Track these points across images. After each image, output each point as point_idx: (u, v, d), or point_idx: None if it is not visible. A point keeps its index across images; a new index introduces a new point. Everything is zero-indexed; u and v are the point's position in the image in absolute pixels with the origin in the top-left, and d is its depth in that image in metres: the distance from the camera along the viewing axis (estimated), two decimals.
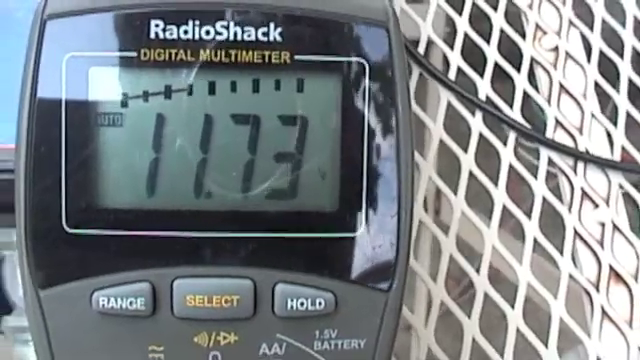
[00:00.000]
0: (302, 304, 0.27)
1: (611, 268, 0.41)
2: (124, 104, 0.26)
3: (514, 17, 0.48)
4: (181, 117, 0.26)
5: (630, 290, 0.40)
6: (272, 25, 0.26)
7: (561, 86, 0.45)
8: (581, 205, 0.42)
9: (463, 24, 0.46)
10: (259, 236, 0.27)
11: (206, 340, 0.27)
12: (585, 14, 0.48)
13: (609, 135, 0.44)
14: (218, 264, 0.26)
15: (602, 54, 0.47)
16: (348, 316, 0.27)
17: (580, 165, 0.43)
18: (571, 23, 0.47)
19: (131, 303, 0.26)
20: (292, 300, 0.27)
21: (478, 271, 0.40)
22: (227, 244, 0.26)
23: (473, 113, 0.44)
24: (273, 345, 0.27)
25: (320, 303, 0.27)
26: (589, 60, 0.46)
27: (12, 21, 0.35)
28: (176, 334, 0.27)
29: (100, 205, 0.26)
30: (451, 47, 0.45)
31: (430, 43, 0.46)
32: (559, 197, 0.43)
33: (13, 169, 0.31)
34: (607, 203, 0.42)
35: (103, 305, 0.26)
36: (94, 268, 0.26)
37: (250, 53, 0.26)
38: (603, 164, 0.43)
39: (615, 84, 0.46)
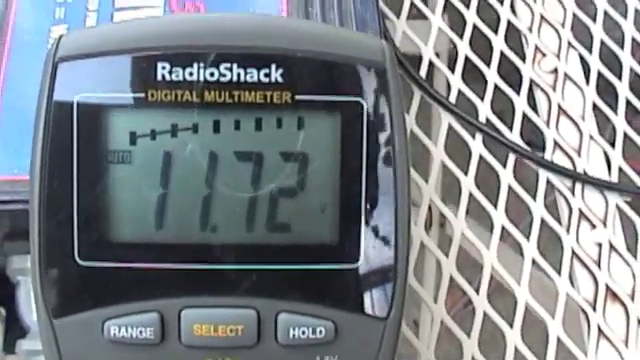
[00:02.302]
0: (304, 333, 0.28)
1: (608, 288, 0.42)
2: (133, 142, 0.27)
3: (513, 37, 0.49)
4: (187, 154, 0.28)
5: (627, 309, 0.41)
6: (273, 67, 0.27)
7: (560, 108, 0.46)
8: (579, 226, 0.43)
9: (464, 47, 0.47)
10: (262, 268, 0.28)
11: None
12: (584, 36, 0.49)
13: (607, 156, 0.46)
14: (223, 295, 0.28)
15: (600, 75, 0.48)
16: (348, 343, 0.28)
17: (578, 186, 0.44)
18: (570, 45, 0.48)
19: (141, 332, 0.27)
20: (294, 329, 0.28)
21: (478, 289, 0.42)
22: (232, 276, 0.28)
23: (473, 135, 0.45)
24: None
25: (321, 331, 0.28)
26: (588, 82, 0.47)
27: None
28: None
29: (111, 239, 0.28)
30: (454, 63, 0.47)
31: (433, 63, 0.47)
32: (556, 211, 0.44)
33: (25, 200, 0.33)
34: (604, 224, 0.43)
35: (114, 334, 0.27)
36: (105, 298, 0.28)
37: (253, 93, 0.27)
38: (601, 185, 0.44)
39: (613, 105, 0.47)
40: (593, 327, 0.41)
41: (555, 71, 0.47)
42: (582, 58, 0.48)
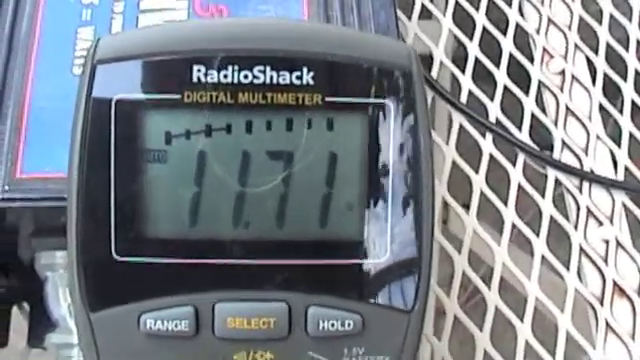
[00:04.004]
0: (332, 325, 0.29)
1: (615, 283, 0.43)
2: (168, 142, 0.28)
3: (522, 40, 0.50)
4: (220, 154, 0.29)
5: (633, 304, 0.43)
6: (305, 69, 0.28)
7: (567, 108, 0.48)
8: (586, 223, 0.45)
9: (474, 49, 0.48)
10: (293, 263, 0.29)
11: (244, 358, 0.29)
12: (590, 38, 0.51)
13: (613, 155, 0.47)
14: (256, 288, 0.29)
15: (606, 77, 0.49)
16: (374, 335, 0.29)
17: (585, 185, 0.46)
18: (577, 47, 0.50)
19: (176, 325, 0.28)
20: (323, 321, 0.29)
21: (484, 280, 0.43)
22: (264, 270, 0.29)
23: (484, 135, 0.46)
24: None
25: (349, 324, 0.29)
26: (594, 83, 0.49)
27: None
28: (217, 353, 0.29)
29: (147, 235, 0.29)
30: (459, 62, 0.48)
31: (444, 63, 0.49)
32: (563, 208, 0.45)
33: (55, 197, 0.34)
34: (611, 221, 0.45)
35: (150, 327, 0.28)
36: (141, 293, 0.29)
37: (285, 95, 0.28)
38: (607, 184, 0.45)
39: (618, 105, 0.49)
40: (601, 321, 0.42)
41: (562, 72, 0.49)
42: (588, 60, 0.50)
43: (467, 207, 0.45)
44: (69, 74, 0.36)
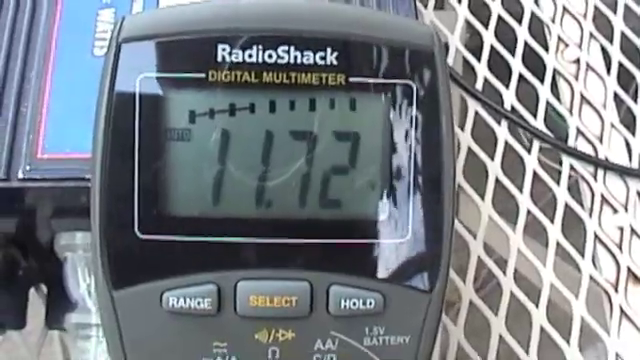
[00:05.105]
0: (354, 304, 0.29)
1: (629, 270, 0.43)
2: (192, 121, 0.29)
3: (537, 29, 0.51)
4: (244, 133, 0.29)
5: None
6: (329, 50, 0.28)
7: (582, 97, 0.48)
8: (601, 210, 0.45)
9: (489, 37, 0.48)
10: (315, 242, 0.29)
11: (266, 336, 0.29)
12: (605, 27, 0.51)
13: (627, 144, 0.47)
14: (278, 267, 0.29)
15: (621, 66, 0.49)
16: (395, 315, 0.29)
17: (600, 172, 0.46)
18: (592, 36, 0.50)
19: (198, 303, 0.29)
20: (345, 300, 0.29)
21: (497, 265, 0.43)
22: (286, 249, 0.29)
23: (499, 122, 0.46)
24: (327, 341, 0.29)
25: (370, 303, 0.29)
26: (609, 72, 0.49)
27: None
28: (239, 331, 0.29)
29: (170, 213, 0.29)
30: (472, 51, 0.48)
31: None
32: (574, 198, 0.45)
33: (76, 177, 0.34)
34: (625, 208, 0.45)
35: (172, 305, 0.29)
36: (164, 271, 0.29)
37: (308, 75, 0.28)
38: (622, 171, 0.46)
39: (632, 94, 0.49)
40: (615, 308, 0.42)
41: (577, 61, 0.49)
42: (603, 49, 0.50)
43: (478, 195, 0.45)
44: (90, 55, 0.37)
